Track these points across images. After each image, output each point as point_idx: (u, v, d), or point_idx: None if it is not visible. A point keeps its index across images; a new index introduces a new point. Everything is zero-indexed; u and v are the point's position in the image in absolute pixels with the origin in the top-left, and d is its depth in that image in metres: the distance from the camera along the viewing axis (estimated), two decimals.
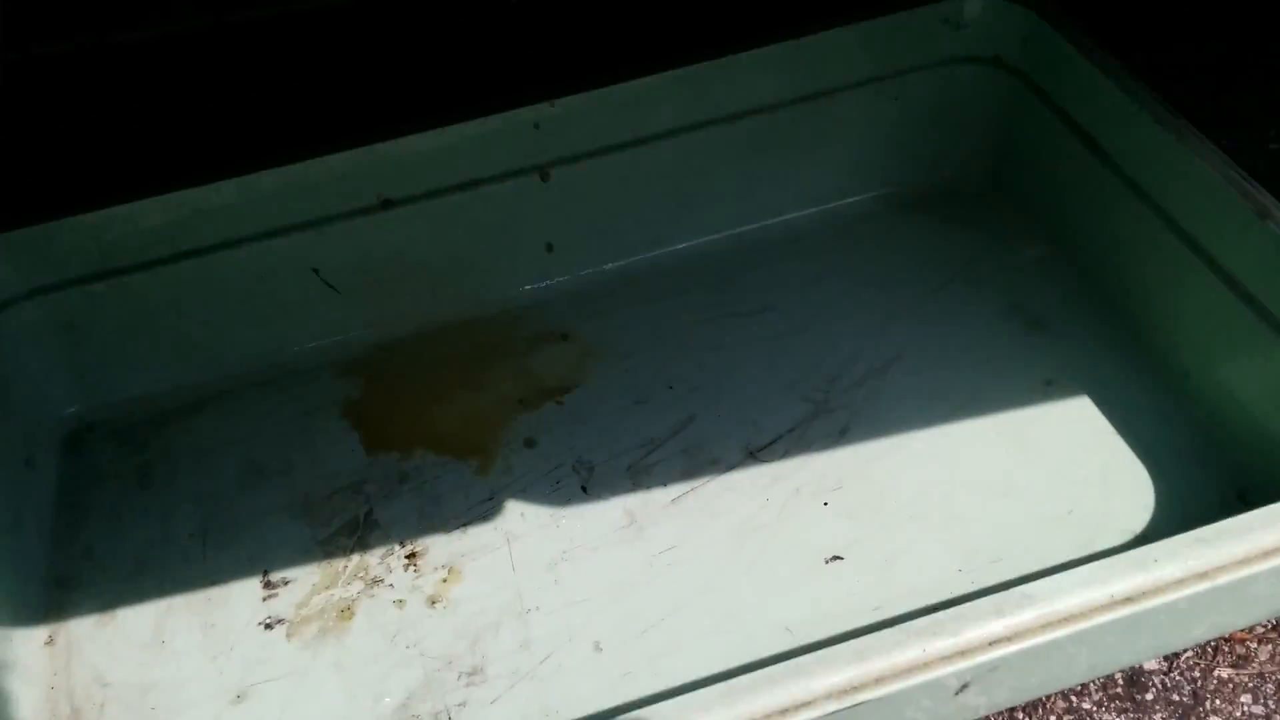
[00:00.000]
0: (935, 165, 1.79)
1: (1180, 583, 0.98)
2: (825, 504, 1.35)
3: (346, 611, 1.31)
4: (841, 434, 1.46)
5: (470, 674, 1.22)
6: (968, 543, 1.27)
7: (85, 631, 1.30)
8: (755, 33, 1.60)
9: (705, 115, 1.64)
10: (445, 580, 1.34)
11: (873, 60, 1.67)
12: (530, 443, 1.53)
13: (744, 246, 1.75)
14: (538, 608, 1.28)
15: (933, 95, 1.72)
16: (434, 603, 1.31)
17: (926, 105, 1.73)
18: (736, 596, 1.26)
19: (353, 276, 1.67)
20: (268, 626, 1.30)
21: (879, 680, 0.92)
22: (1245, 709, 1.21)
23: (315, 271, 1.64)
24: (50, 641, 1.30)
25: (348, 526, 1.45)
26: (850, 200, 1.78)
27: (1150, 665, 1.25)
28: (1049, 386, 1.45)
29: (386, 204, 1.60)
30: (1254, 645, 1.25)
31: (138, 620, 1.30)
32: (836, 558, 1.30)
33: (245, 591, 1.33)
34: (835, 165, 1.75)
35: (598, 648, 1.24)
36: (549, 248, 1.72)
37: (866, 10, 1.62)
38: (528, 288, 1.74)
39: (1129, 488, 1.31)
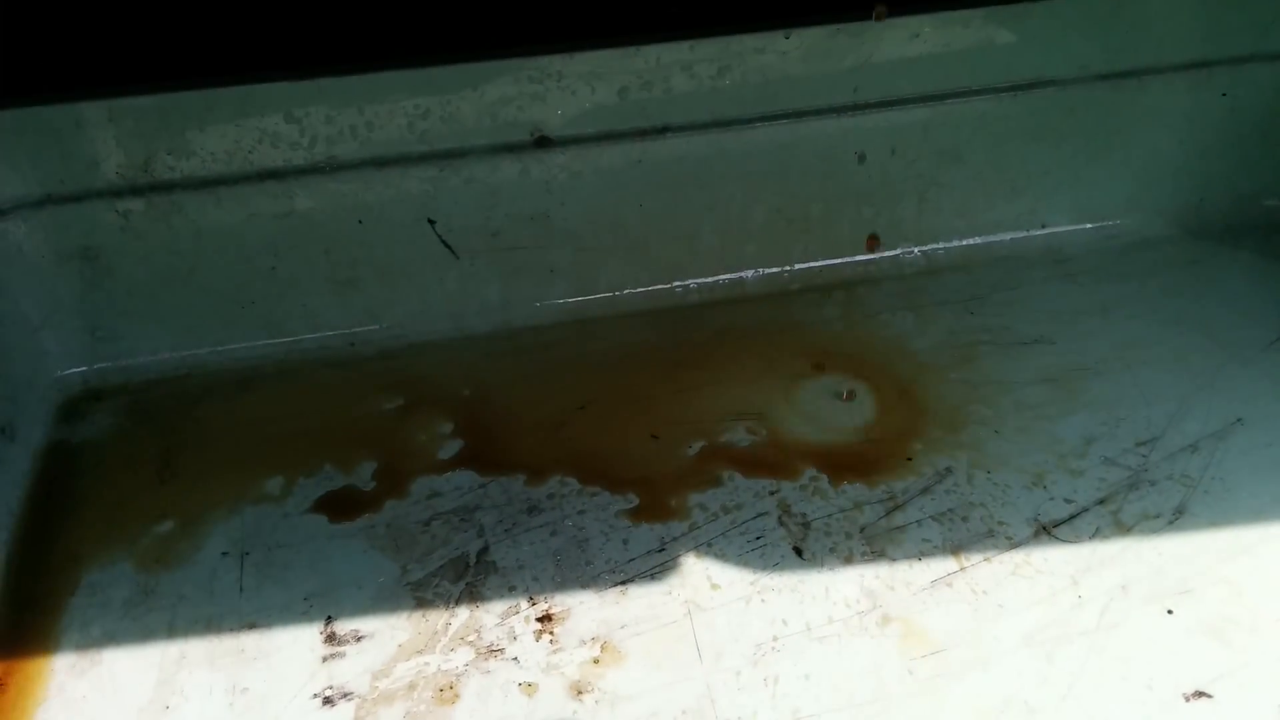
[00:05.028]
0: (1258, 189, 1.50)
1: None
2: (1169, 612, 1.05)
3: (448, 691, 1.00)
4: (1176, 516, 1.12)
5: None
6: None
7: (55, 678, 1.01)
8: None
9: (975, 80, 1.36)
10: (597, 661, 1.03)
11: (1205, 38, 1.38)
12: (715, 479, 1.17)
13: (992, 260, 1.46)
14: (740, 719, 0.97)
15: (1272, 96, 1.42)
16: (580, 693, 1.00)
17: (1262, 108, 1.44)
18: None
19: (477, 237, 1.34)
20: (327, 702, 0.99)
21: None
22: None
23: (431, 223, 1.31)
24: None
25: (453, 566, 1.11)
26: (1135, 219, 1.50)
27: None
28: None
29: (542, 142, 1.24)
30: None
31: (134, 670, 1.02)
32: (1201, 694, 0.98)
33: (297, 645, 1.04)
34: (1126, 171, 1.46)
35: None
36: (736, 239, 1.41)
37: None
38: (695, 282, 1.43)
39: None
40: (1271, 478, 1.15)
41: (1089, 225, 1.48)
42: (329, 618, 1.05)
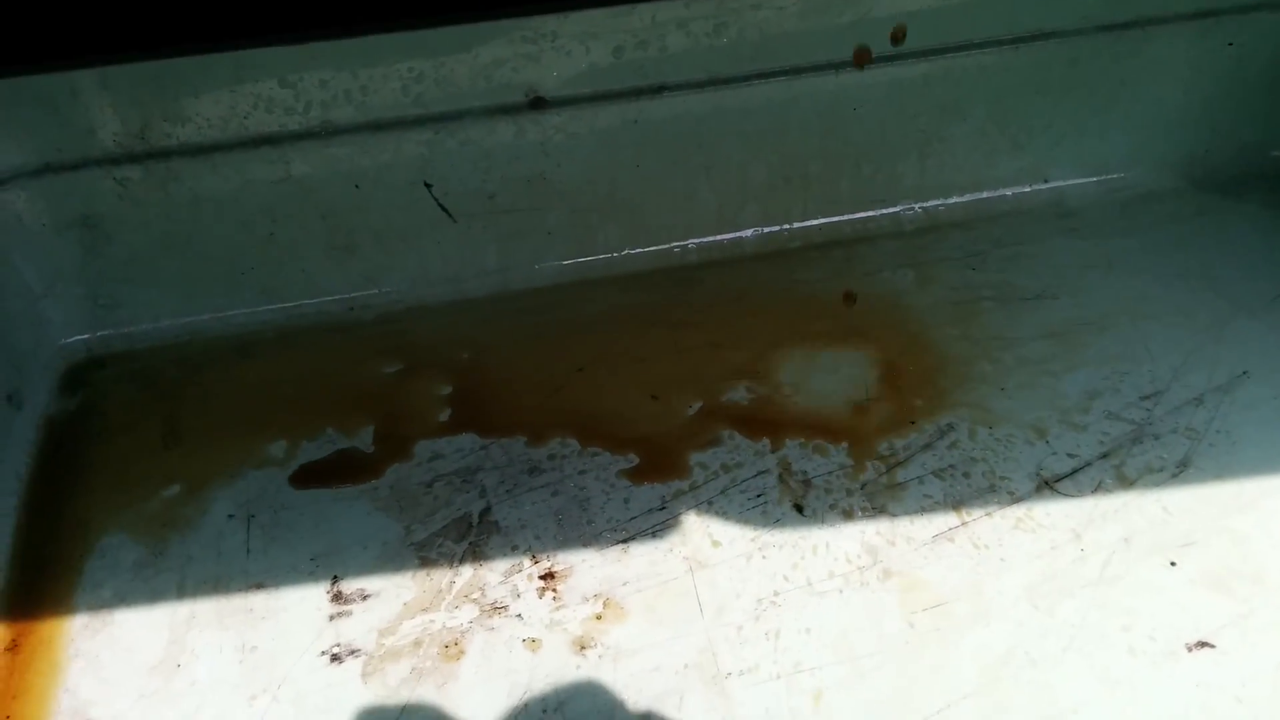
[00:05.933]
0: (1264, 140, 1.48)
1: None
2: (1172, 564, 1.06)
3: (453, 648, 1.02)
4: (1180, 469, 1.13)
5: None
6: None
7: (68, 640, 1.03)
8: None
9: (976, 33, 1.34)
10: (599, 617, 1.04)
11: None
12: (715, 438, 1.17)
13: (994, 215, 1.45)
14: (741, 672, 0.99)
15: (1279, 45, 1.41)
16: (583, 648, 1.02)
17: (1269, 57, 1.42)
18: (1049, 688, 0.96)
19: (474, 200, 1.34)
20: (335, 659, 1.01)
21: None
22: None
23: (427, 187, 1.30)
24: (13, 648, 1.03)
25: (456, 526, 1.12)
26: (1139, 172, 1.49)
27: None
28: None
29: (537, 103, 1.24)
30: None
31: (144, 630, 1.04)
32: (1204, 644, 0.99)
33: (304, 605, 1.06)
34: (1131, 124, 1.45)
35: None
36: (734, 198, 1.41)
37: None
38: (693, 243, 1.43)
39: None
40: (1277, 430, 1.15)
41: (1093, 179, 1.47)
42: (335, 577, 1.07)
